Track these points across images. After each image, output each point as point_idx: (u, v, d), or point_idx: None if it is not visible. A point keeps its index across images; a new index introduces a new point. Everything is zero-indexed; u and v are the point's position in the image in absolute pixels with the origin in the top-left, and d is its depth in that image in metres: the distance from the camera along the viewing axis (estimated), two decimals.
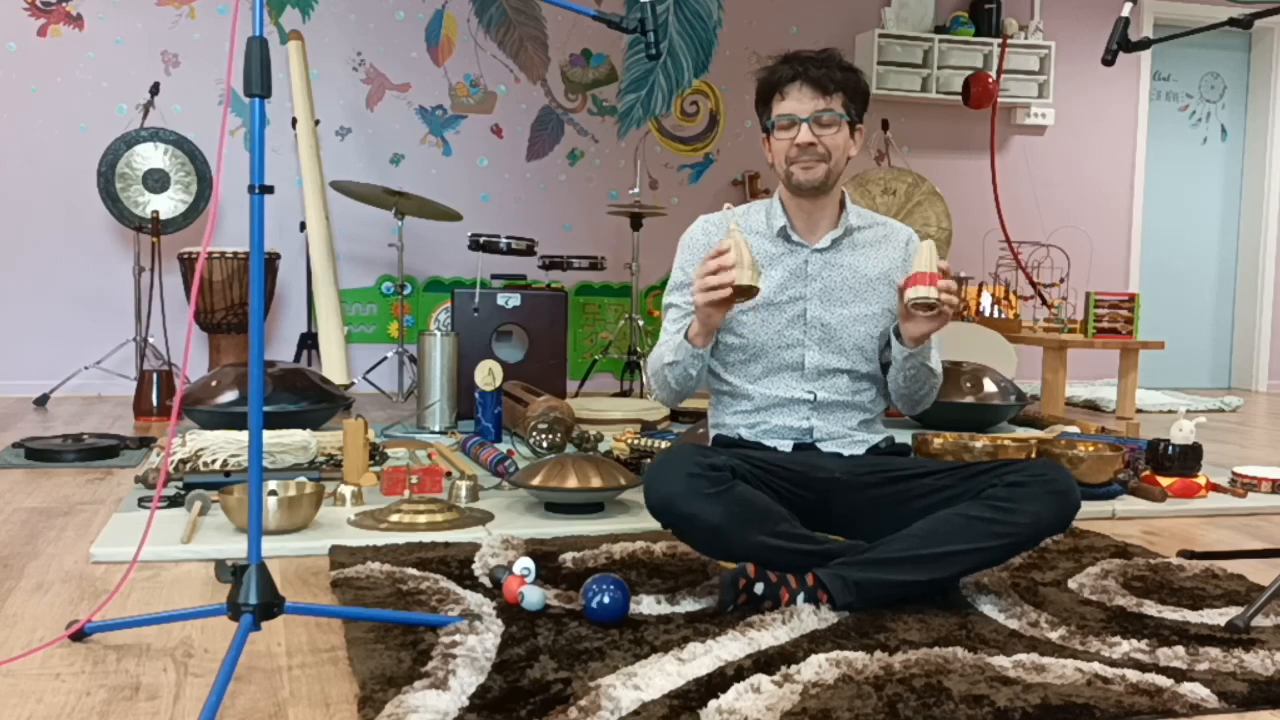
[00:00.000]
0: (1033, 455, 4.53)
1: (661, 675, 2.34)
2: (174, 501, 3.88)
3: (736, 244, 2.94)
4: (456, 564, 3.21)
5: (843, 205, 3.36)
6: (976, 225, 8.97)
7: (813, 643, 2.59)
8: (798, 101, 3.20)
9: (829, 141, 3.20)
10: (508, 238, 6.89)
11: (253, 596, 2.34)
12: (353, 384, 6.98)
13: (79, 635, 2.58)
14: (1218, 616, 2.90)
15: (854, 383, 3.28)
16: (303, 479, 3.85)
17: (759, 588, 2.81)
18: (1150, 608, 2.97)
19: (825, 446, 3.25)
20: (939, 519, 2.92)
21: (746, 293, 2.97)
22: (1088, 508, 4.07)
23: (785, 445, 3.24)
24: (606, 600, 2.69)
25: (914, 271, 3.02)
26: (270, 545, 3.31)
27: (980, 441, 4.52)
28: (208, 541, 3.42)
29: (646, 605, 2.85)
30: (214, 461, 4.28)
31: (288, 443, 4.46)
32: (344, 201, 7.50)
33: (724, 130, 8.82)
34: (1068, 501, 2.91)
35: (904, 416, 4.80)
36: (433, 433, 5.86)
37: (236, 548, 3.34)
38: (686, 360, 3.16)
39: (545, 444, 4.99)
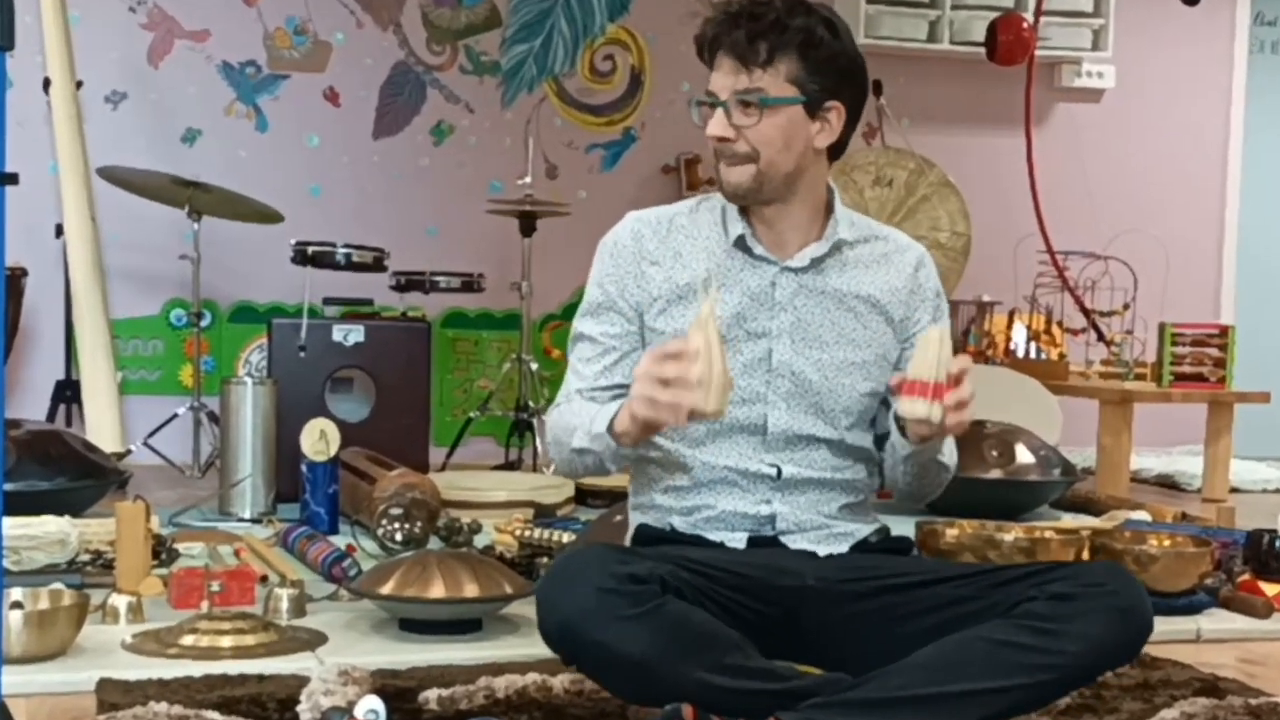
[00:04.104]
0: (1085, 553, 4.57)
1: None
2: None
3: (709, 348, 2.79)
4: (275, 705, 3.23)
5: (829, 210, 3.33)
6: (1005, 229, 8.97)
7: None
8: (718, 76, 3.18)
9: (753, 135, 3.15)
10: (347, 246, 6.91)
11: None
12: (129, 452, 6.95)
13: None
14: None
15: (835, 456, 3.27)
16: (59, 585, 3.84)
17: None
18: None
19: (793, 542, 3.24)
20: (954, 644, 2.91)
21: (708, 416, 2.87)
22: (1162, 626, 4.09)
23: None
24: None
25: (911, 376, 2.90)
26: (13, 678, 3.29)
27: (1011, 533, 4.55)
28: None
29: None
30: None
31: (38, 535, 4.44)
32: (117, 195, 7.47)
33: (649, 96, 8.88)
34: (1135, 621, 2.92)
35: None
36: (242, 520, 5.84)
37: None
38: (606, 455, 3.11)
39: (400, 536, 4.99)
